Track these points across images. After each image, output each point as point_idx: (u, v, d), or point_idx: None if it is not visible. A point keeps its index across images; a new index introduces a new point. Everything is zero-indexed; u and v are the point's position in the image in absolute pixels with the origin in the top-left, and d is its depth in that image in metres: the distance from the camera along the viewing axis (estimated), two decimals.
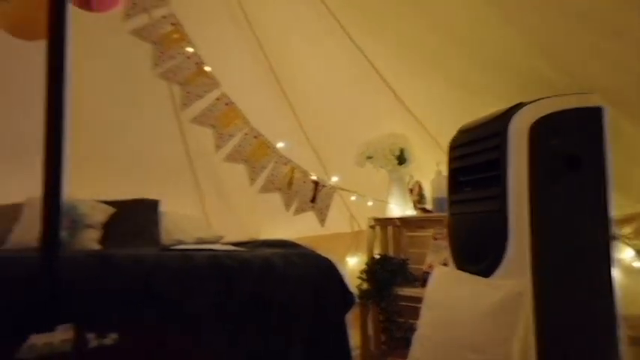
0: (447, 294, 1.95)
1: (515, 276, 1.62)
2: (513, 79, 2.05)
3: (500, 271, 1.68)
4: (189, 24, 2.30)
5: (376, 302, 2.68)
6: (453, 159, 2.09)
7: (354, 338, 2.74)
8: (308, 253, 2.57)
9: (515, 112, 1.72)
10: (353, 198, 2.82)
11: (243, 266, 2.28)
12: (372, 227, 2.87)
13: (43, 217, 1.81)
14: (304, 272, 2.36)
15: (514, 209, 1.67)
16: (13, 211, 2.97)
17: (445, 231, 2.29)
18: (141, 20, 2.12)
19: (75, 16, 1.82)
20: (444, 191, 2.26)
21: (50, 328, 1.66)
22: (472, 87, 2.31)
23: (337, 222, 3.26)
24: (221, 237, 3.35)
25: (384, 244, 2.89)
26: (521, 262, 1.62)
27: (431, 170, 2.70)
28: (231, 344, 2.17)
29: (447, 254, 2.18)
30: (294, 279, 2.33)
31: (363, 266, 2.80)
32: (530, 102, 1.73)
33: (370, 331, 2.77)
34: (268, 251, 2.51)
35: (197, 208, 3.71)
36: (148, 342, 1.83)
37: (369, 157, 2.78)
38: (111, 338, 1.65)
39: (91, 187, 3.29)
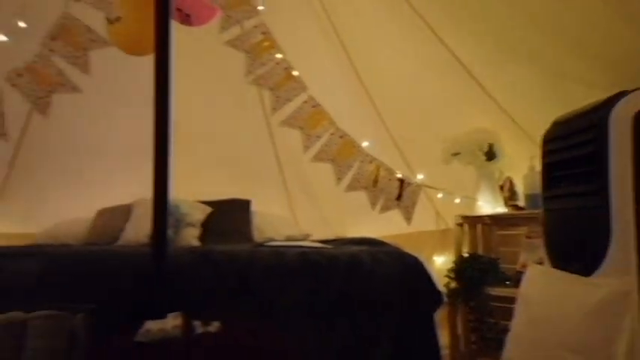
0: (544, 293, 1.88)
1: (618, 275, 1.54)
2: (612, 67, 1.93)
3: (602, 270, 1.60)
4: (278, 31, 2.42)
5: (465, 302, 2.64)
6: (547, 153, 2.01)
7: (443, 337, 2.72)
8: (394, 250, 2.59)
9: (617, 101, 1.62)
10: (440, 195, 2.79)
11: (331, 263, 2.35)
12: (460, 225, 2.82)
13: (153, 217, 2.02)
14: (392, 270, 2.38)
15: (617, 204, 1.57)
16: (124, 212, 3.30)
17: (540, 229, 2.20)
18: (234, 31, 2.26)
19: (177, 31, 2.01)
20: (537, 187, 2.18)
21: (162, 316, 1.85)
22: (567, 77, 2.20)
23: (423, 220, 3.23)
24: (309, 235, 3.47)
25: (473, 243, 2.83)
26: (626, 261, 1.52)
27: (523, 166, 2.60)
28: (323, 335, 2.26)
29: (542, 253, 2.10)
30: (382, 276, 2.36)
31: (451, 265, 2.76)
32: (634, 90, 1.63)
33: (460, 330, 2.72)
34: (355, 248, 2.56)
35: (285, 207, 3.87)
36: (245, 332, 1.95)
37: (456, 154, 2.74)
38: (214, 326, 1.81)
39: (191, 188, 3.56)
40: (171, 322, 1.86)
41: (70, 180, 3.57)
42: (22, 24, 2.19)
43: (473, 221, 2.84)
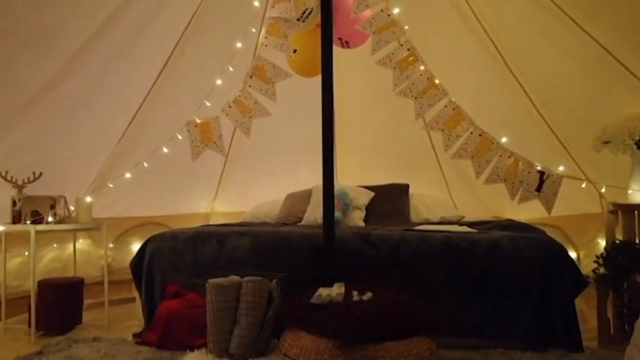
0: None
1: None
2: None
3: None
4: (423, 43, 2.76)
5: (615, 288, 2.70)
6: None
7: (592, 321, 2.82)
8: (536, 237, 2.76)
9: None
10: (583, 185, 2.83)
11: (471, 246, 2.68)
12: (613, 212, 2.83)
13: (323, 202, 2.63)
14: (530, 254, 2.60)
15: None
16: (306, 196, 4.06)
17: None
18: (383, 51, 2.69)
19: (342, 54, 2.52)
20: None
21: (330, 284, 2.46)
22: None
23: (587, 203, 3.26)
24: (462, 216, 3.77)
25: (628, 230, 2.82)
26: None
27: None
28: (463, 309, 2.63)
29: None
30: (519, 260, 2.60)
31: (602, 251, 2.82)
32: None
33: (609, 314, 2.79)
34: (498, 234, 2.83)
35: (444, 190, 4.21)
36: (393, 301, 2.44)
37: (606, 142, 2.75)
38: (367, 296, 2.35)
39: (359, 176, 4.17)
40: (337, 289, 2.46)
41: (267, 171, 4.51)
42: (231, 68, 3.01)
43: (628, 209, 2.82)
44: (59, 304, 3.01)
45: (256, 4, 3.02)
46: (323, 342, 2.09)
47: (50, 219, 2.89)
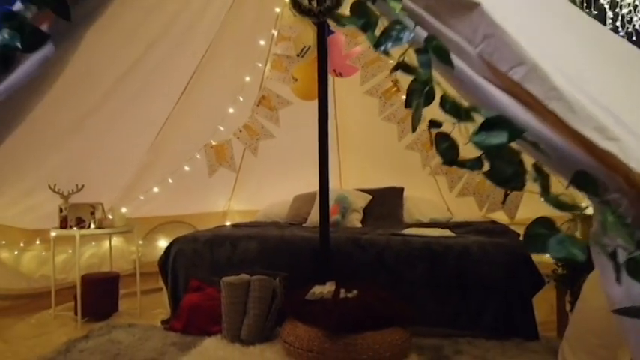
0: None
1: None
2: None
3: None
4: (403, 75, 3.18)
5: (570, 286, 3.11)
6: None
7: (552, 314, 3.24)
8: (504, 242, 3.19)
9: None
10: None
11: (446, 250, 3.13)
12: (572, 220, 3.22)
13: (319, 212, 3.11)
14: (495, 258, 3.04)
15: None
16: (311, 198, 4.53)
17: None
18: (370, 83, 3.12)
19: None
20: None
21: (324, 283, 2.95)
22: None
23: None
24: (451, 218, 4.20)
25: (584, 235, 3.21)
26: None
27: None
28: (438, 304, 3.09)
29: None
30: (487, 263, 3.04)
31: None
32: None
33: (567, 309, 3.21)
34: (471, 239, 3.26)
35: (437, 194, 4.63)
36: (376, 298, 2.91)
37: None
38: (353, 293, 2.83)
39: (358, 179, 4.62)
40: (328, 287, 2.94)
41: (278, 173, 4.99)
42: (240, 98, 3.50)
43: (585, 218, 3.21)
44: (100, 294, 3.58)
45: (262, 42, 3.47)
46: (314, 331, 2.59)
47: (92, 225, 3.44)
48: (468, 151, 1.14)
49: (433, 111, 1.16)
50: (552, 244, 0.98)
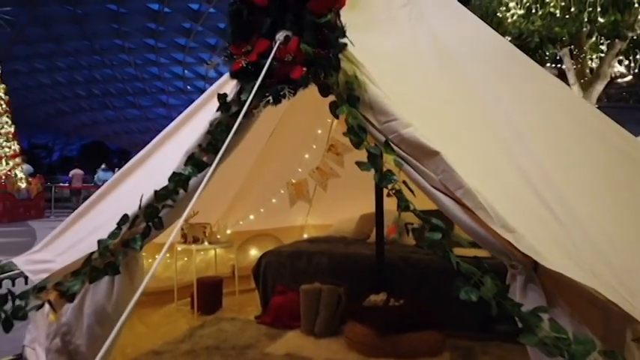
0: None
1: None
2: None
3: None
4: None
5: None
6: None
7: None
8: None
9: None
10: None
11: None
12: None
13: (376, 230, 3.97)
14: None
15: None
16: (373, 217, 5.36)
17: None
18: None
19: None
20: None
21: (378, 292, 3.80)
22: None
23: None
24: None
25: None
26: None
27: None
28: (473, 312, 3.82)
29: None
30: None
31: None
32: None
33: None
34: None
35: None
36: (420, 307, 3.71)
37: None
38: (399, 302, 3.65)
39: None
40: (381, 296, 3.80)
41: (347, 194, 5.86)
42: (314, 146, 4.45)
43: None
44: (209, 294, 4.69)
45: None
46: (367, 330, 3.47)
47: (205, 242, 4.55)
48: None
49: None
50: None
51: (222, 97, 2.14)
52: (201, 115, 2.83)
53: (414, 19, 3.15)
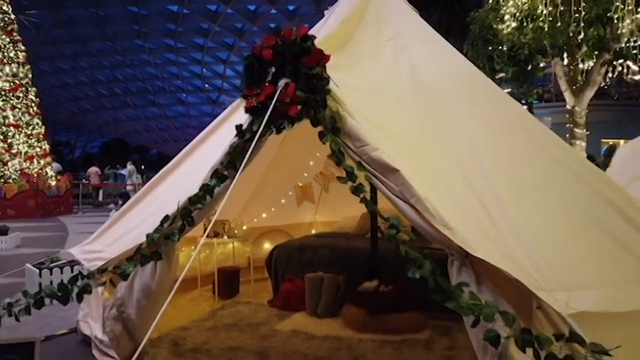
0: None
1: None
2: None
3: None
4: None
5: None
6: None
7: None
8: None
9: None
10: None
11: None
12: None
13: (371, 226, 4.64)
14: None
15: None
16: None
17: None
18: None
19: None
20: None
21: (371, 280, 4.47)
22: None
23: None
24: None
25: None
26: None
27: None
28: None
29: None
30: None
31: None
32: None
33: None
34: None
35: None
36: (405, 291, 4.35)
37: None
38: (387, 288, 4.31)
39: None
40: (373, 283, 4.46)
41: (350, 195, 6.52)
42: (317, 154, 5.12)
43: None
44: (228, 282, 5.40)
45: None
46: (360, 311, 4.14)
47: (225, 237, 5.27)
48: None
49: None
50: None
51: (238, 127, 2.82)
52: (223, 128, 3.56)
53: (398, 50, 3.80)
